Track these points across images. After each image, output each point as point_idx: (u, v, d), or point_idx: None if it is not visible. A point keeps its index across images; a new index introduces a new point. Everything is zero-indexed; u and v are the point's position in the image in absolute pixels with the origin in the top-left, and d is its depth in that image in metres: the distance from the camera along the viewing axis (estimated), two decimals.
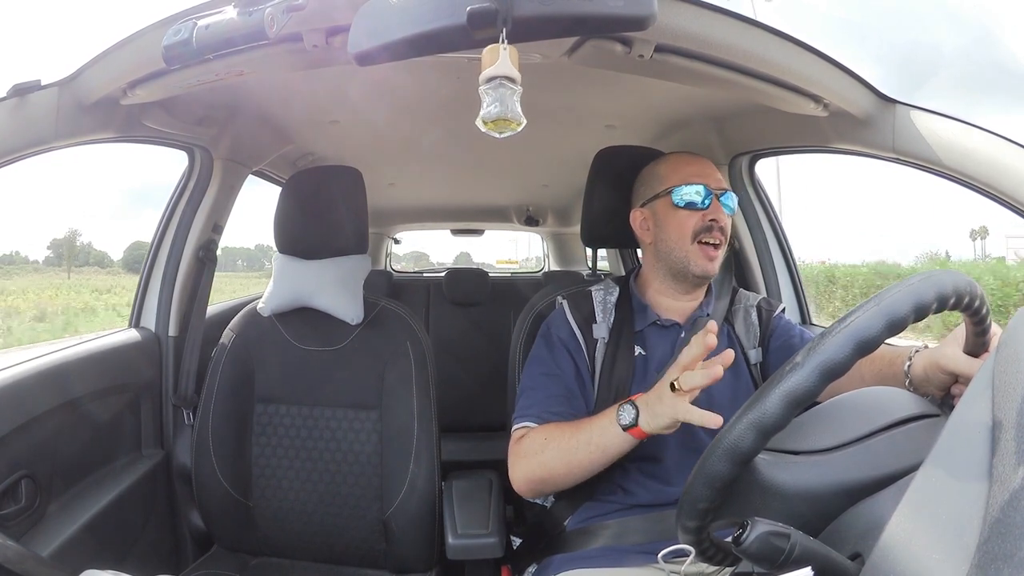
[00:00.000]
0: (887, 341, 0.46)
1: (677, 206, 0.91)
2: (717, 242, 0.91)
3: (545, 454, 0.83)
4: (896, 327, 0.45)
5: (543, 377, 0.93)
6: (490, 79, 0.54)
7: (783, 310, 1.02)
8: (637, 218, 0.98)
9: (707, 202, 0.90)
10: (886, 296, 0.46)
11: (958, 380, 0.62)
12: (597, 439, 0.79)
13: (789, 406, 0.44)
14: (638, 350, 0.93)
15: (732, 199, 0.94)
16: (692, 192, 0.90)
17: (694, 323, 0.94)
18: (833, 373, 0.44)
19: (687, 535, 0.51)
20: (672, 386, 0.70)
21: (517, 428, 0.90)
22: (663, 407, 0.72)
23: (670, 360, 0.92)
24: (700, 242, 0.90)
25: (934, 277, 0.47)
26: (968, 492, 0.37)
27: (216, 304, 1.46)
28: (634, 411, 0.76)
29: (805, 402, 0.45)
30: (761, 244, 1.38)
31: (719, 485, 0.46)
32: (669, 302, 0.96)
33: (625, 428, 0.76)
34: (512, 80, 0.54)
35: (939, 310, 0.47)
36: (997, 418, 0.38)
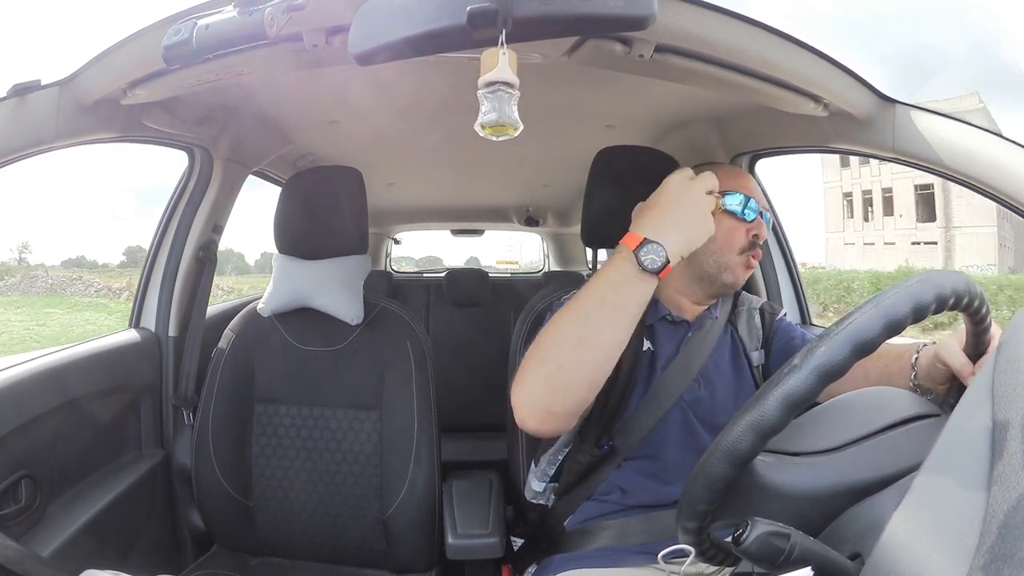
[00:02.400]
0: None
1: (726, 211, 0.87)
2: (756, 258, 0.89)
3: (550, 352, 0.68)
4: (894, 328, 0.45)
5: None
6: (488, 84, 0.54)
7: (785, 314, 1.01)
8: None
9: (753, 214, 0.88)
10: (884, 297, 0.46)
11: (954, 378, 0.62)
12: (612, 297, 0.66)
13: (787, 408, 0.44)
14: (647, 344, 0.92)
15: (768, 220, 0.92)
16: (744, 200, 0.88)
17: (702, 324, 0.94)
18: (831, 375, 0.44)
19: (687, 535, 0.51)
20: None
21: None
22: (705, 216, 0.68)
23: (675, 357, 0.91)
24: (742, 254, 0.88)
25: (933, 278, 0.47)
26: (968, 492, 0.37)
27: (216, 304, 1.46)
28: (660, 247, 0.65)
29: (803, 404, 0.45)
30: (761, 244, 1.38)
31: (718, 487, 0.46)
32: (684, 302, 0.95)
33: (658, 270, 0.65)
34: (510, 85, 0.54)
35: (938, 311, 0.47)
36: (999, 419, 0.38)
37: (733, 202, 0.88)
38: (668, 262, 0.65)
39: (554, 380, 0.68)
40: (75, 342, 1.10)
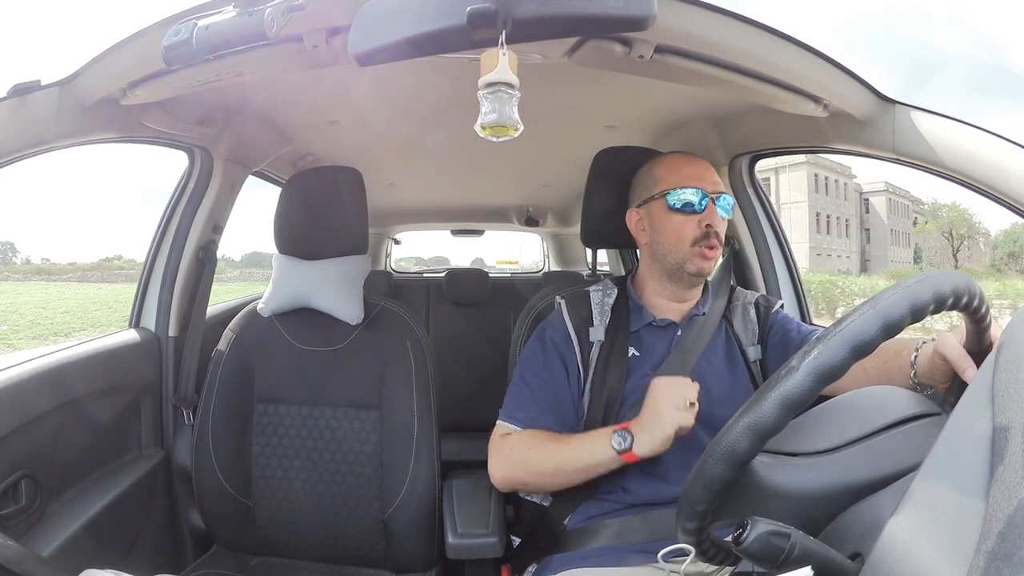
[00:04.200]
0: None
1: (672, 208, 0.91)
2: (713, 247, 0.91)
3: (529, 463, 0.87)
4: (892, 330, 0.45)
5: (534, 379, 0.94)
6: (489, 85, 0.54)
7: (781, 306, 1.01)
8: (633, 218, 0.98)
9: (703, 205, 0.90)
10: (882, 298, 0.46)
11: (956, 375, 0.61)
12: (587, 458, 0.82)
13: (785, 410, 0.44)
14: (632, 351, 0.93)
15: (728, 202, 0.93)
16: (688, 195, 0.90)
17: (691, 321, 0.94)
18: (829, 377, 0.44)
19: (686, 536, 0.51)
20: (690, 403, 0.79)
21: (501, 423, 0.94)
22: (662, 429, 0.77)
23: (665, 358, 0.92)
24: (697, 246, 0.90)
25: (931, 278, 0.47)
26: (968, 492, 0.37)
27: (216, 304, 1.46)
28: (630, 437, 0.79)
29: (801, 406, 0.45)
30: (761, 244, 1.38)
31: (717, 487, 0.46)
32: (666, 303, 0.96)
33: (620, 452, 0.79)
34: (511, 86, 0.54)
35: (936, 311, 0.47)
36: (999, 420, 0.38)
37: (677, 201, 0.91)
38: (630, 449, 0.79)
39: (522, 482, 0.91)
40: (76, 341, 1.10)
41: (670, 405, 0.78)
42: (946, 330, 0.67)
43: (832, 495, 0.48)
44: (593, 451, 0.82)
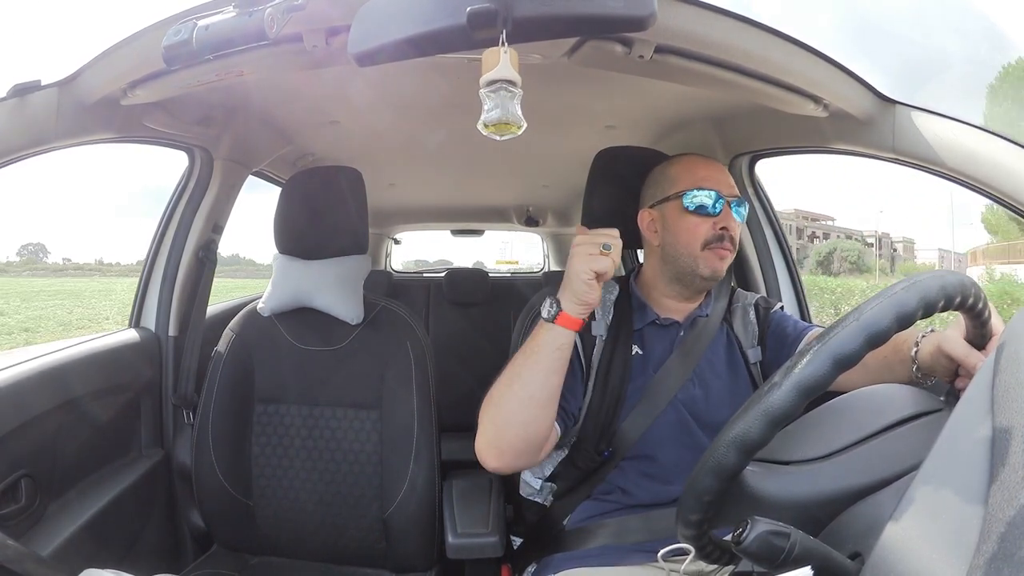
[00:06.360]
0: None
1: (687, 210, 0.89)
2: (727, 250, 0.89)
3: (496, 406, 0.80)
4: (877, 341, 0.44)
5: None
6: (491, 83, 0.54)
7: (781, 307, 1.01)
8: (645, 219, 0.96)
9: (718, 208, 0.88)
10: (866, 309, 0.45)
11: (959, 370, 0.60)
12: (533, 347, 0.78)
13: (769, 425, 0.44)
14: (635, 349, 0.92)
15: (744, 207, 0.92)
16: (703, 197, 0.88)
17: (693, 322, 0.94)
18: (812, 391, 0.44)
19: (686, 541, 0.51)
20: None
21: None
22: (579, 278, 0.75)
23: (667, 358, 0.92)
24: (709, 248, 0.89)
25: (919, 283, 0.46)
26: (969, 492, 0.37)
27: (216, 304, 1.46)
28: (556, 303, 0.78)
29: (785, 420, 0.45)
30: (761, 244, 1.38)
31: (708, 499, 0.47)
32: (671, 302, 0.96)
33: (552, 319, 0.77)
34: (512, 83, 0.54)
35: (927, 315, 0.46)
36: (999, 420, 0.38)
37: (692, 202, 0.89)
38: (561, 311, 0.77)
39: (496, 419, 0.80)
40: (76, 340, 1.10)
41: (582, 254, 0.75)
42: (928, 331, 0.67)
43: (824, 503, 0.48)
44: (535, 338, 0.78)
